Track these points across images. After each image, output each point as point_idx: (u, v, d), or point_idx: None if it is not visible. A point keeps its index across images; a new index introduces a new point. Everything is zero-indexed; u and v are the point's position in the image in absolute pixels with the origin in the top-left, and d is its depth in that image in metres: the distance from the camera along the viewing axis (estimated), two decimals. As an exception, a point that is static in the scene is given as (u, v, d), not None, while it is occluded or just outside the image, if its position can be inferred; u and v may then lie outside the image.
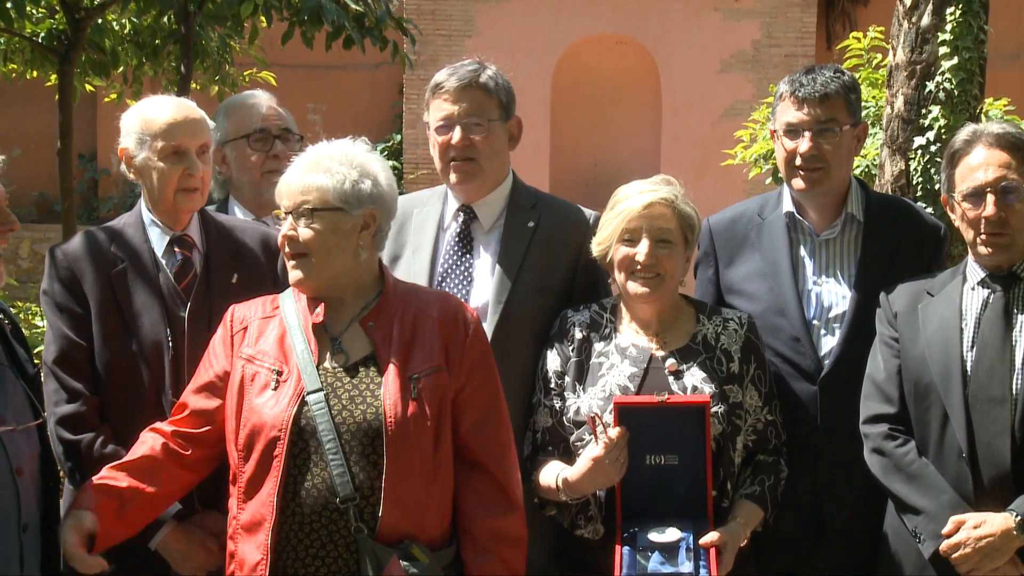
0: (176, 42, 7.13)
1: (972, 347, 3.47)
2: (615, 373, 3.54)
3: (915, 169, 5.31)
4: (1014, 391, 3.38)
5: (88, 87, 8.13)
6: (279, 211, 3.28)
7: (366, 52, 6.86)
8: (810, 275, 3.89)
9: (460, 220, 3.91)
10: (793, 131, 3.83)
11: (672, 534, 3.35)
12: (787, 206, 3.94)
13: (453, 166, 3.84)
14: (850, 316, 3.81)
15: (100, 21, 6.96)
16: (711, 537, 3.34)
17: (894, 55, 5.49)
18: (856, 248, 3.89)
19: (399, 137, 15.19)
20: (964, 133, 3.58)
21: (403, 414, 3.10)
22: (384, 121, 16.12)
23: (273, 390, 3.16)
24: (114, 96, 8.47)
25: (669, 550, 3.32)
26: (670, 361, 3.55)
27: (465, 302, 3.53)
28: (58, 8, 6.93)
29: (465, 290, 3.81)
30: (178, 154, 3.61)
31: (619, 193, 3.61)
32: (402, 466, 3.08)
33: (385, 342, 3.19)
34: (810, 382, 3.80)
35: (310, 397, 3.12)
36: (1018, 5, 14.68)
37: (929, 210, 4.89)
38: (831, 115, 3.80)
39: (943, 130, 5.23)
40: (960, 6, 5.33)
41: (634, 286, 3.55)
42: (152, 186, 3.66)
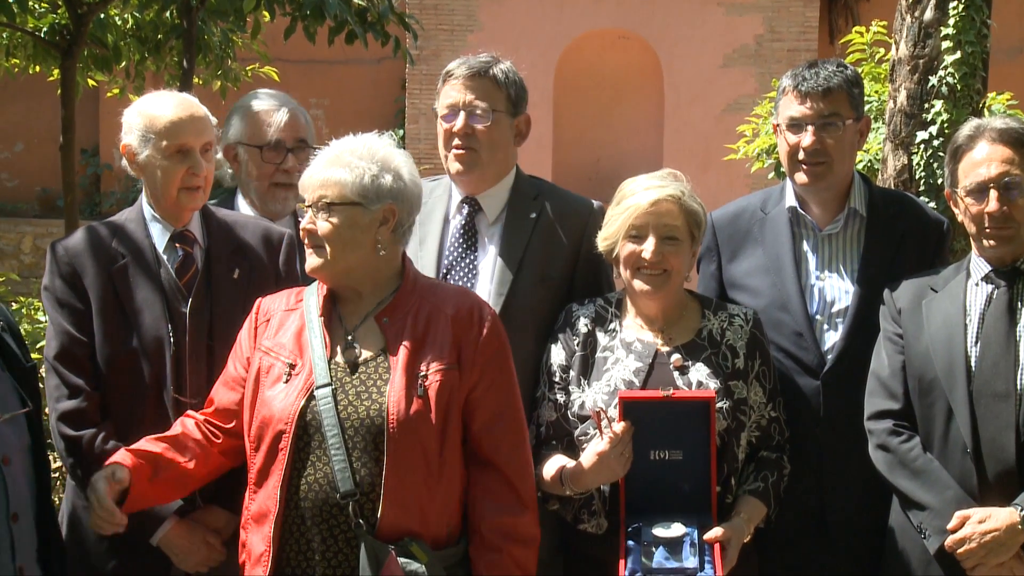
0: (178, 37, 7.11)
1: (976, 343, 3.46)
2: (620, 368, 3.53)
3: (918, 164, 5.31)
4: (1018, 386, 3.38)
5: (90, 82, 8.10)
6: (302, 204, 3.28)
7: (368, 47, 6.85)
8: (813, 270, 3.89)
9: (465, 212, 3.91)
10: (796, 125, 3.82)
11: (676, 529, 3.35)
12: (790, 201, 3.94)
13: (454, 154, 3.85)
14: (853, 311, 3.81)
15: (102, 16, 6.95)
16: (715, 532, 3.34)
17: (897, 50, 5.48)
18: (859, 243, 3.89)
19: (401, 132, 15.17)
20: (967, 128, 3.57)
21: (406, 412, 3.09)
22: (386, 116, 16.09)
23: (285, 383, 3.17)
24: (116, 91, 8.45)
25: (673, 545, 3.32)
26: (675, 356, 3.55)
27: (485, 300, 3.49)
28: (60, 3, 6.91)
29: (470, 283, 3.80)
30: (182, 153, 3.60)
31: (625, 188, 3.60)
32: (404, 464, 3.07)
33: (397, 338, 3.19)
34: (813, 377, 3.80)
35: (318, 392, 3.13)
36: (1021, 0, 14.65)
37: (932, 205, 4.88)
38: (834, 109, 3.80)
39: (946, 125, 5.23)
40: (963, 0, 5.32)
41: (640, 283, 3.55)
42: (155, 184, 3.65)
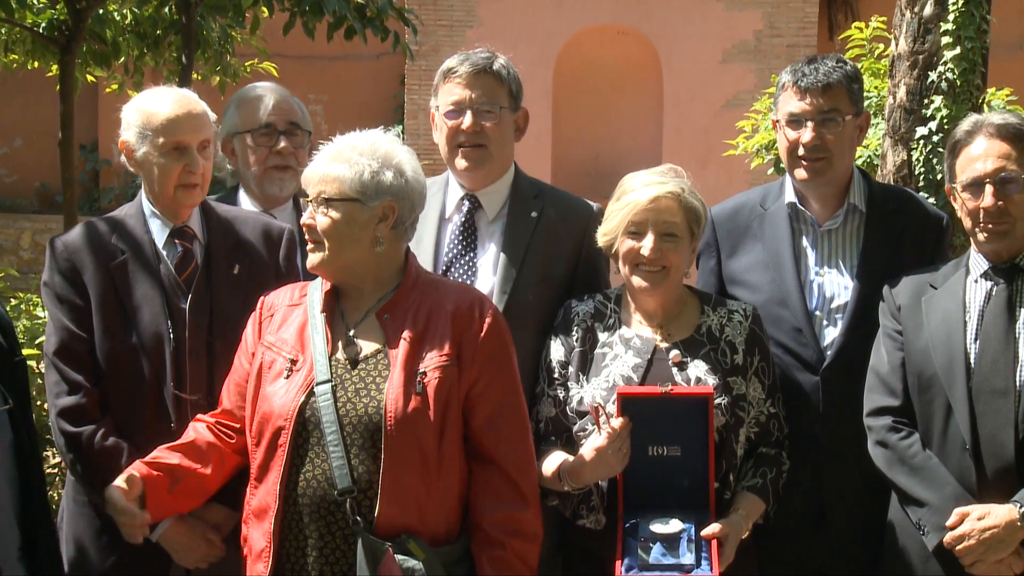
0: (177, 32, 7.11)
1: (975, 339, 3.46)
2: (619, 363, 3.53)
3: (917, 159, 5.31)
4: (1018, 383, 3.38)
5: (89, 78, 8.10)
6: (305, 199, 3.28)
7: (367, 42, 6.85)
8: (812, 266, 3.89)
9: (464, 210, 3.90)
10: (796, 121, 3.82)
11: (674, 525, 3.34)
12: (789, 196, 3.94)
13: (463, 152, 3.83)
14: (852, 307, 3.80)
15: (101, 11, 6.95)
16: (713, 529, 3.34)
17: (896, 45, 5.48)
18: (858, 238, 3.88)
19: (400, 128, 15.16)
20: (966, 123, 3.57)
21: (404, 409, 3.08)
22: (386, 112, 16.09)
23: (286, 379, 3.18)
24: (115, 87, 8.45)
25: (670, 541, 3.32)
26: (674, 352, 3.54)
27: (487, 296, 3.47)
28: (59, -2, 6.93)
29: (469, 281, 3.79)
30: (179, 150, 3.60)
31: (625, 183, 3.59)
32: (401, 461, 3.07)
33: (397, 335, 3.18)
34: (812, 373, 3.80)
35: (318, 388, 3.13)
36: (1021, -5, 14.64)
37: (931, 200, 4.89)
38: (834, 105, 3.79)
39: (945, 120, 5.22)
40: (962, -4, 5.32)
41: (638, 280, 3.54)
42: (152, 180, 3.65)
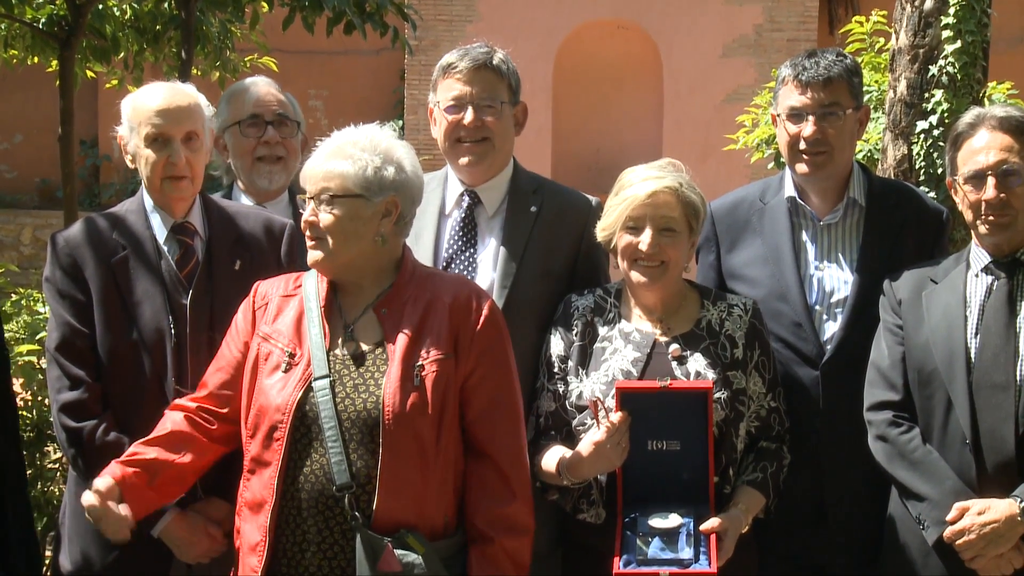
0: (177, 28, 7.09)
1: (976, 334, 3.46)
2: (618, 358, 3.53)
3: (918, 153, 5.29)
4: (1018, 378, 3.38)
5: (89, 73, 8.08)
6: (303, 195, 3.26)
7: (367, 37, 6.83)
8: (812, 260, 3.88)
9: (464, 205, 3.90)
10: (797, 115, 3.82)
11: (673, 520, 3.34)
12: (789, 191, 3.93)
13: (466, 147, 3.82)
14: (852, 301, 3.80)
15: (100, 7, 6.92)
16: (712, 523, 3.34)
17: (897, 39, 5.46)
18: (858, 233, 3.88)
19: (400, 123, 15.16)
20: (968, 116, 3.57)
21: (402, 403, 3.08)
22: (385, 107, 16.09)
23: (284, 372, 3.16)
24: (115, 82, 8.43)
25: (669, 536, 3.32)
26: (673, 346, 3.54)
27: (483, 289, 3.48)
28: (58, -6, 6.91)
29: (470, 276, 3.78)
30: (159, 141, 3.60)
31: (624, 178, 3.59)
32: (400, 455, 3.06)
33: (394, 329, 3.18)
34: (812, 367, 3.80)
35: (316, 383, 3.12)
36: (1021, -11, 14.64)
37: (932, 194, 4.87)
38: (835, 98, 3.79)
39: (946, 114, 5.21)
40: (963, -11, 5.30)
41: (637, 275, 3.54)
42: (143, 173, 3.66)
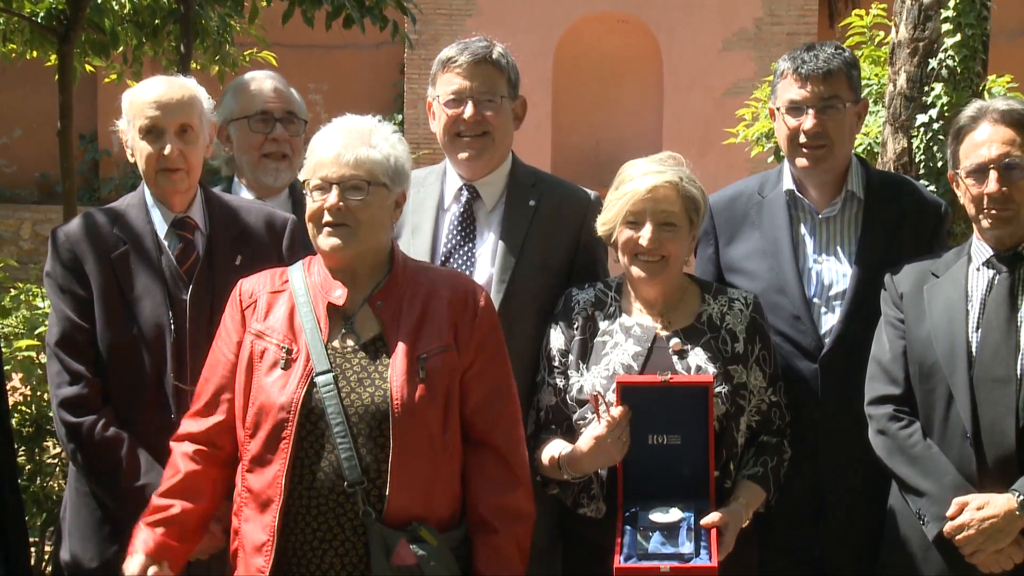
0: (176, 22, 7.08)
1: (977, 328, 3.46)
2: (619, 352, 3.53)
3: (918, 147, 5.29)
4: (1019, 372, 3.37)
5: (88, 67, 8.07)
6: (321, 180, 3.14)
7: (366, 32, 6.83)
8: (810, 253, 3.88)
9: (463, 200, 3.89)
10: (796, 108, 3.81)
11: (673, 514, 3.34)
12: (787, 184, 3.93)
13: (465, 141, 3.82)
14: (851, 294, 3.80)
15: (99, 1, 6.93)
16: (712, 518, 3.34)
17: (896, 32, 5.46)
18: (856, 226, 3.87)
19: (400, 117, 15.15)
20: (970, 109, 3.56)
21: (410, 396, 3.08)
22: (385, 101, 16.06)
23: (283, 369, 3.13)
24: (114, 77, 8.42)
25: (670, 530, 3.32)
26: (674, 341, 3.54)
27: (476, 281, 3.50)
28: (57, -12, 6.90)
29: (468, 271, 3.79)
30: (152, 133, 3.60)
31: (624, 172, 3.59)
32: (409, 448, 3.06)
33: (393, 322, 3.16)
34: (811, 360, 3.79)
35: (319, 379, 3.10)
36: (1021, -18, 14.61)
37: (931, 188, 4.87)
38: (834, 92, 3.79)
39: (946, 108, 5.21)
40: (963, -17, 5.30)
41: (637, 270, 3.54)
42: (140, 166, 3.66)
